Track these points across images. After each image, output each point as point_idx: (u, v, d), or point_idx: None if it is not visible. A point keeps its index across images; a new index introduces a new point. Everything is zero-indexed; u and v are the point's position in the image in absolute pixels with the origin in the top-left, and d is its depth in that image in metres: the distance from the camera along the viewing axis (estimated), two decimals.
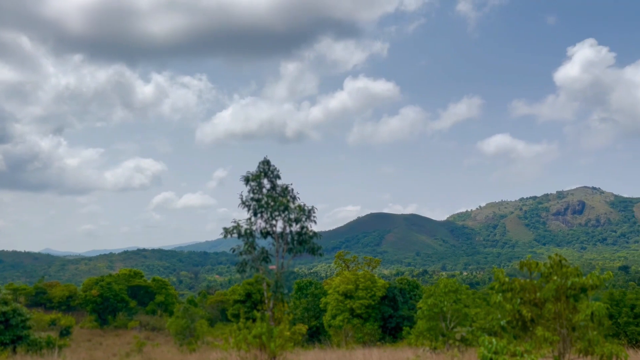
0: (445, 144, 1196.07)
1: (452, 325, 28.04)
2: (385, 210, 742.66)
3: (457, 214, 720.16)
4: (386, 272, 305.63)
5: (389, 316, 56.59)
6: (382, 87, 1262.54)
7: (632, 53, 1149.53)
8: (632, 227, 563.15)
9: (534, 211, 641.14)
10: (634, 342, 41.07)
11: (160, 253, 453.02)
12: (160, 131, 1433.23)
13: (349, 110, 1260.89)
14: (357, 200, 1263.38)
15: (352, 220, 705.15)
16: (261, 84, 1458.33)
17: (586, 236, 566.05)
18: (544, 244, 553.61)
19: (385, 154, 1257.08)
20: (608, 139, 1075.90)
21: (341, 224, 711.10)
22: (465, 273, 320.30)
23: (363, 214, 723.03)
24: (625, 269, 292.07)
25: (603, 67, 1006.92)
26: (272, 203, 17.41)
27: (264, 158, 18.11)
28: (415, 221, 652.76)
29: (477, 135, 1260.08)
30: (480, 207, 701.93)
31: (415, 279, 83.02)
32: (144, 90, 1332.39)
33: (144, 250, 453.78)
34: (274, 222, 17.67)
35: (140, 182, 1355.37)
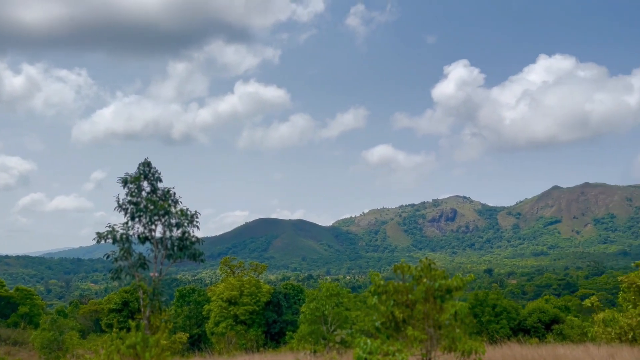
0: (332, 151, 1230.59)
1: (333, 328, 28.81)
2: (274, 216, 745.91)
3: (342, 219, 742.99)
4: (272, 277, 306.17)
5: (273, 321, 56.73)
6: (273, 93, 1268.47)
7: (498, 75, 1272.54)
8: (496, 233, 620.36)
9: (412, 218, 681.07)
10: (495, 339, 45.13)
11: (26, 260, 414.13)
12: (31, 127, 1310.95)
13: (239, 114, 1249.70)
14: (246, 205, 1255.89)
15: (240, 225, 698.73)
16: (147, 82, 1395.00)
17: (457, 241, 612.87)
18: (421, 249, 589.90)
19: (275, 159, 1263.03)
20: (478, 152, 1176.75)
21: (228, 229, 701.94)
22: (348, 277, 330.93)
23: (251, 219, 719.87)
24: (489, 271, 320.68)
25: (474, 87, 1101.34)
26: (151, 207, 16.67)
27: (145, 159, 17.33)
28: (302, 226, 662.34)
29: (362, 145, 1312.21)
30: (363, 213, 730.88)
31: (300, 283, 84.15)
32: (13, 82, 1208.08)
33: (7, 257, 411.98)
34: (153, 226, 16.94)
35: (5, 182, 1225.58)
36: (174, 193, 17.52)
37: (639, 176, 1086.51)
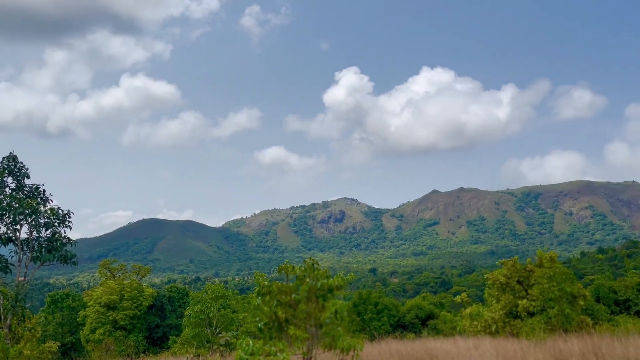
0: (223, 151, 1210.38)
1: (218, 330, 28.33)
2: (160, 216, 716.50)
3: (233, 220, 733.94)
4: (157, 280, 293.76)
5: (156, 326, 54.45)
6: (163, 89, 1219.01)
7: (386, 84, 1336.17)
8: (381, 234, 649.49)
9: (302, 219, 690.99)
10: (375, 336, 47.19)
11: None
12: None
13: (125, 109, 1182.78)
14: (129, 205, 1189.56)
15: (122, 226, 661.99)
16: (20, 69, 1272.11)
17: (345, 242, 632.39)
18: (310, 250, 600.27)
19: (162, 157, 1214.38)
20: (365, 157, 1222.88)
21: (109, 230, 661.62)
22: (237, 278, 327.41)
23: (135, 220, 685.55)
24: (373, 271, 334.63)
25: (364, 93, 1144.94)
26: (16, 205, 15.22)
27: (10, 153, 15.76)
28: (190, 227, 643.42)
29: (254, 146, 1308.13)
30: (254, 214, 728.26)
31: (186, 286, 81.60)
32: None
33: None
34: (17, 226, 15.47)
35: None
36: (44, 190, 16.16)
37: (505, 183, 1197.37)
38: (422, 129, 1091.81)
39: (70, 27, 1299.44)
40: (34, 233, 15.54)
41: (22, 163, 15.96)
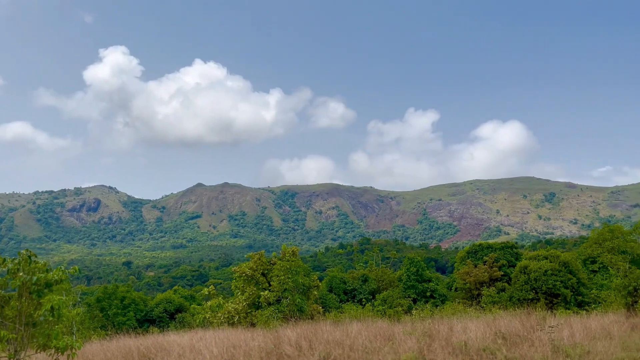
0: None
1: None
2: None
3: None
4: None
5: None
6: None
7: (157, 70, 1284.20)
8: (140, 226, 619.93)
9: (48, 206, 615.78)
10: (122, 332, 44.74)
11: None
12: None
13: None
14: None
15: None
16: None
17: (98, 233, 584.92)
18: (55, 240, 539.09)
19: None
20: (129, 143, 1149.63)
21: None
22: None
23: None
24: (128, 264, 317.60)
25: (131, 76, 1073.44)
26: None
27: None
28: None
29: None
30: None
31: None
32: None
33: None
34: None
35: None
36: None
37: (266, 181, 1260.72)
38: (191, 121, 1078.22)
39: None
40: None
41: None
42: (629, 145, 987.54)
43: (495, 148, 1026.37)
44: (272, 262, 37.46)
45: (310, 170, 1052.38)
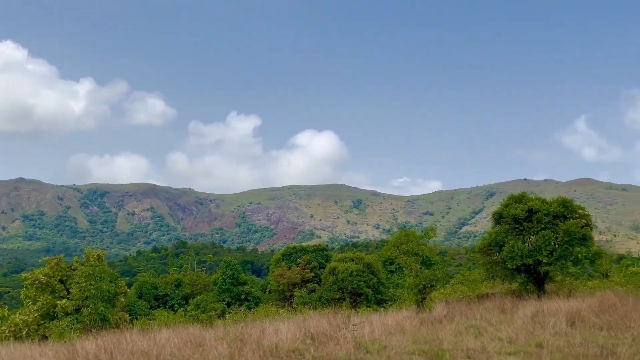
0: None
1: None
2: None
3: None
4: None
5: None
6: None
7: None
8: None
9: None
10: None
11: None
12: None
13: None
14: None
15: None
16: None
17: None
18: None
19: None
20: None
21: None
22: None
23: None
24: None
25: None
26: None
27: None
28: None
29: None
30: None
31: None
32: None
33: None
34: None
35: None
36: None
37: (70, 177, 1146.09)
38: None
39: None
40: None
41: None
42: (422, 160, 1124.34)
43: (311, 156, 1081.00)
44: (73, 267, 33.97)
45: (123, 169, 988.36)
